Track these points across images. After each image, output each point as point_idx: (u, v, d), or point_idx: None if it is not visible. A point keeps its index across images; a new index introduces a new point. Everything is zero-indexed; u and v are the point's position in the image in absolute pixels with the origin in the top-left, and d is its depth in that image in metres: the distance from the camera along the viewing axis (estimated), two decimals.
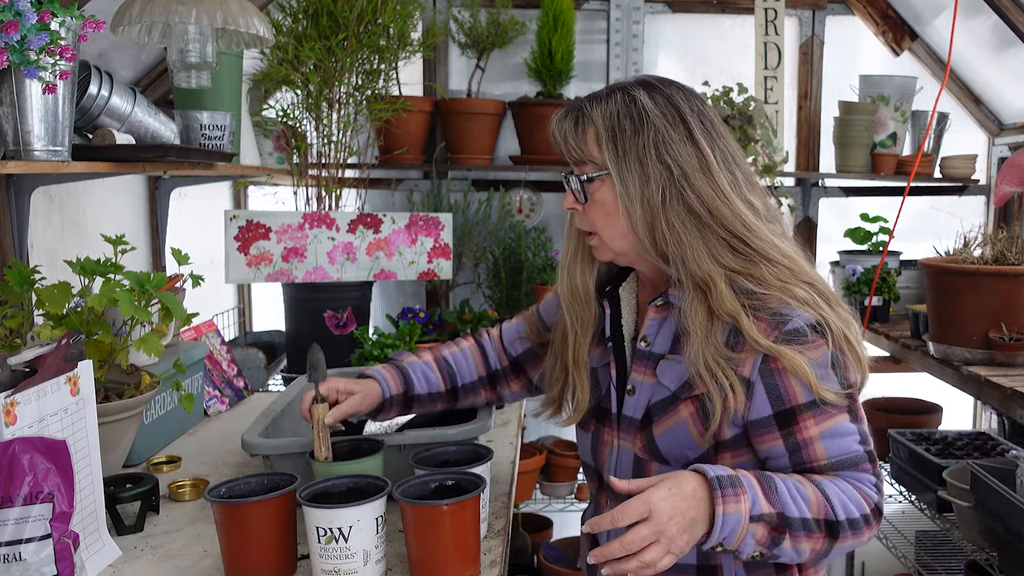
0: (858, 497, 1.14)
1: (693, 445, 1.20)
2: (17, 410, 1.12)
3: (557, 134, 1.25)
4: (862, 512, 1.13)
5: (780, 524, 1.08)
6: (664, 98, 1.21)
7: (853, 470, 1.16)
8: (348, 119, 2.67)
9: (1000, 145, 3.50)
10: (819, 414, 1.15)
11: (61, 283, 1.50)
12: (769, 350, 1.13)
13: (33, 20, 1.31)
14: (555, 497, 3.25)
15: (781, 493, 1.10)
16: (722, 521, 1.05)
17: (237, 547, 1.21)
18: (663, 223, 1.17)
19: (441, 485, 1.28)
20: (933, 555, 2.85)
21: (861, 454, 1.16)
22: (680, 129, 1.19)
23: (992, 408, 3.16)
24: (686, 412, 1.20)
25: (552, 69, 3.12)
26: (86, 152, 1.70)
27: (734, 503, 1.06)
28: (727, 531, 1.06)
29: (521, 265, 3.10)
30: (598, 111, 1.21)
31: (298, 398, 1.76)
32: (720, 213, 1.17)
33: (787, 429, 1.16)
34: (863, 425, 1.19)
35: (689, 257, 1.17)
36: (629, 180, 1.18)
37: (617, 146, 1.19)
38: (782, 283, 1.17)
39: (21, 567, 1.08)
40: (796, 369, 1.13)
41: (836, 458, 1.15)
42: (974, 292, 2.28)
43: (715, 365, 1.15)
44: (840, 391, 1.15)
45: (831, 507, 1.11)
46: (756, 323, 1.15)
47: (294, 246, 2.46)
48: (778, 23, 3.17)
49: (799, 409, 1.15)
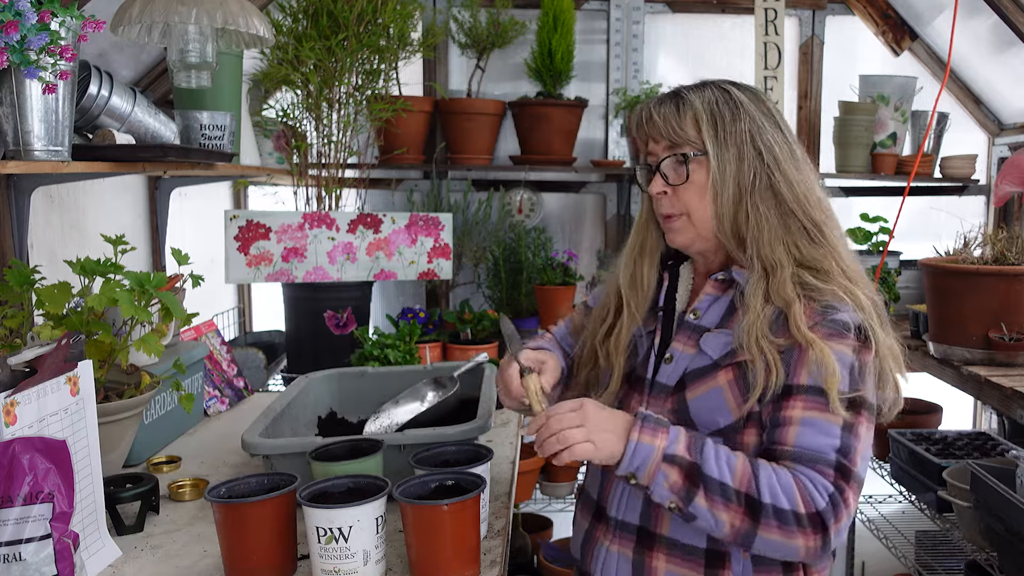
0: (794, 491, 1.11)
1: (726, 412, 1.22)
2: (17, 410, 1.12)
3: (657, 117, 1.30)
4: (794, 507, 1.10)
5: (695, 475, 1.12)
6: (752, 93, 1.31)
7: (810, 467, 1.13)
8: (348, 119, 2.67)
9: (1000, 145, 3.50)
10: (811, 401, 1.15)
11: (61, 283, 1.50)
12: (805, 339, 1.16)
13: (33, 20, 1.31)
14: (555, 497, 3.25)
15: (706, 450, 1.14)
16: (634, 447, 1.13)
17: (237, 547, 1.21)
18: (748, 205, 1.24)
19: (441, 485, 1.28)
20: (933, 555, 2.85)
21: (829, 457, 1.13)
22: (771, 120, 1.28)
23: (992, 408, 3.16)
24: (724, 379, 1.22)
25: (552, 69, 3.12)
26: (86, 152, 1.70)
27: (649, 436, 1.14)
28: (638, 460, 1.13)
29: (521, 265, 3.10)
30: (697, 97, 1.29)
31: (300, 397, 1.76)
32: (805, 200, 1.25)
33: (779, 403, 1.18)
34: (854, 441, 1.15)
35: (765, 241, 1.23)
36: (725, 161, 1.25)
37: (717, 129, 1.26)
38: (847, 281, 1.22)
39: (21, 567, 1.08)
40: (823, 359, 1.15)
41: (799, 448, 1.14)
42: (974, 292, 2.28)
43: (764, 346, 1.18)
44: (842, 393, 1.15)
45: (756, 484, 1.11)
46: (806, 308, 1.19)
47: (294, 246, 2.46)
48: (778, 23, 3.17)
49: (796, 388, 1.17)
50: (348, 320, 2.62)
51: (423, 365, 2.04)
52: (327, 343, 2.61)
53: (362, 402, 1.89)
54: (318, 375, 1.90)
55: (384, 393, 1.88)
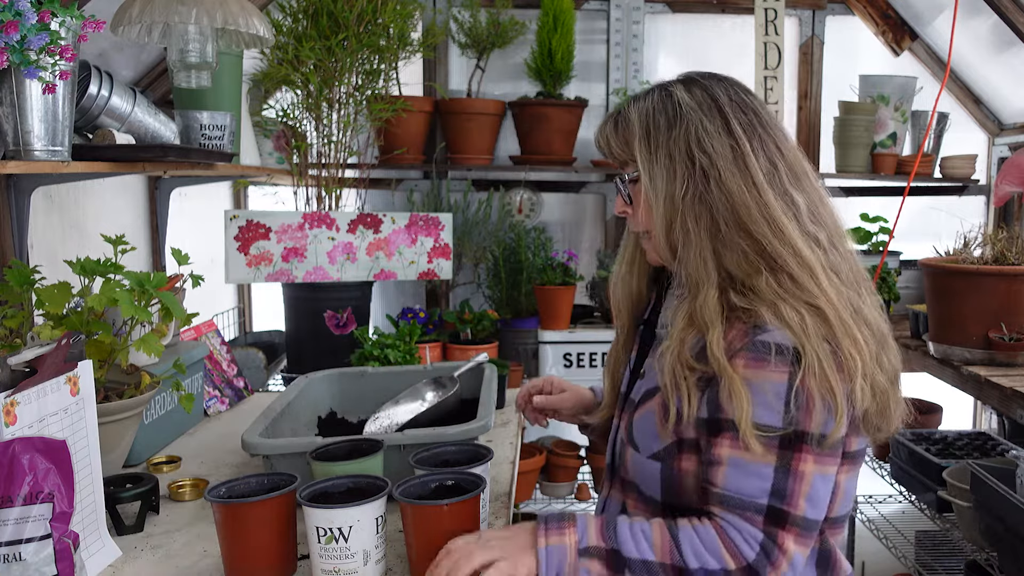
0: (719, 547, 1.05)
1: (655, 437, 1.18)
2: (17, 410, 1.12)
3: (600, 139, 1.26)
4: (723, 565, 1.04)
5: (615, 562, 1.06)
6: (701, 90, 1.19)
7: (738, 515, 1.06)
8: (348, 119, 2.67)
9: (1000, 145, 3.50)
10: (737, 439, 1.06)
11: (61, 283, 1.49)
12: (719, 367, 1.07)
13: (33, 20, 1.31)
14: (555, 497, 3.24)
15: (620, 531, 1.08)
16: (546, 552, 1.08)
17: (237, 547, 1.21)
18: (679, 221, 1.15)
19: (441, 485, 1.28)
20: (933, 555, 2.85)
21: (758, 503, 1.05)
22: (716, 121, 1.16)
23: (992, 408, 3.16)
24: (656, 403, 1.18)
25: (552, 69, 3.12)
26: (86, 152, 1.70)
27: (557, 535, 1.09)
28: (554, 563, 1.07)
29: (521, 265, 3.10)
30: (635, 110, 1.21)
31: (300, 397, 1.76)
32: (744, 211, 1.12)
33: (708, 440, 1.11)
34: (794, 483, 1.05)
35: (692, 258, 1.14)
36: (657, 177, 1.17)
37: (650, 143, 1.18)
38: (776, 298, 1.09)
39: (21, 567, 1.08)
40: (734, 389, 1.06)
41: (727, 492, 1.07)
42: (974, 292, 2.28)
43: (679, 373, 1.12)
44: (772, 429, 1.05)
45: (679, 552, 1.05)
46: (729, 330, 1.10)
47: (294, 246, 2.46)
48: (778, 23, 3.17)
49: (724, 424, 1.08)
50: (348, 320, 2.62)
51: (423, 365, 2.04)
52: (327, 343, 2.61)
53: (362, 402, 1.89)
54: (318, 375, 1.90)
55: (384, 393, 1.88)
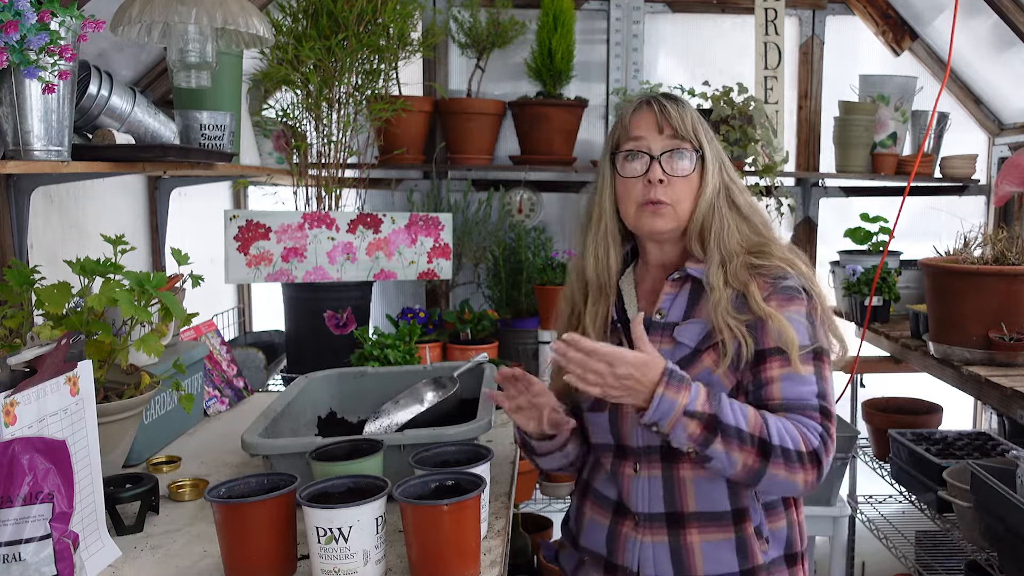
0: (796, 434, 1.27)
1: (720, 386, 1.33)
2: (17, 410, 1.12)
3: (671, 109, 1.41)
4: (796, 447, 1.26)
5: (712, 425, 1.24)
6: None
7: (800, 414, 1.30)
8: (348, 119, 2.67)
9: (1000, 145, 3.50)
10: (784, 360, 1.31)
11: (61, 283, 1.49)
12: (764, 312, 1.32)
13: (33, 20, 1.32)
14: (555, 497, 3.25)
15: (723, 402, 1.26)
16: (658, 400, 1.23)
17: (237, 547, 1.21)
18: (716, 206, 1.40)
19: (441, 485, 1.28)
20: (933, 555, 2.85)
21: (813, 403, 1.31)
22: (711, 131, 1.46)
23: (992, 408, 3.16)
24: (710, 360, 1.34)
25: (552, 69, 3.12)
26: (86, 152, 1.70)
27: (674, 392, 1.23)
28: (660, 413, 1.23)
29: (521, 265, 3.10)
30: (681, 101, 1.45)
31: (300, 397, 1.76)
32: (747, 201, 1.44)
33: (757, 368, 1.33)
34: (825, 385, 1.33)
35: (726, 236, 1.39)
36: (713, 164, 1.42)
37: (707, 132, 1.43)
38: (785, 256, 1.40)
39: (21, 567, 1.08)
40: (782, 328, 1.31)
41: (787, 399, 1.31)
42: (974, 292, 2.28)
43: (732, 324, 1.33)
44: (805, 347, 1.32)
45: (767, 429, 1.25)
46: (760, 284, 1.35)
47: (294, 246, 2.46)
48: (778, 23, 3.17)
49: (769, 352, 1.32)
50: (348, 320, 2.62)
51: (423, 365, 2.04)
52: (327, 343, 2.61)
53: (362, 402, 1.89)
54: (318, 375, 1.90)
55: (384, 393, 1.88)
